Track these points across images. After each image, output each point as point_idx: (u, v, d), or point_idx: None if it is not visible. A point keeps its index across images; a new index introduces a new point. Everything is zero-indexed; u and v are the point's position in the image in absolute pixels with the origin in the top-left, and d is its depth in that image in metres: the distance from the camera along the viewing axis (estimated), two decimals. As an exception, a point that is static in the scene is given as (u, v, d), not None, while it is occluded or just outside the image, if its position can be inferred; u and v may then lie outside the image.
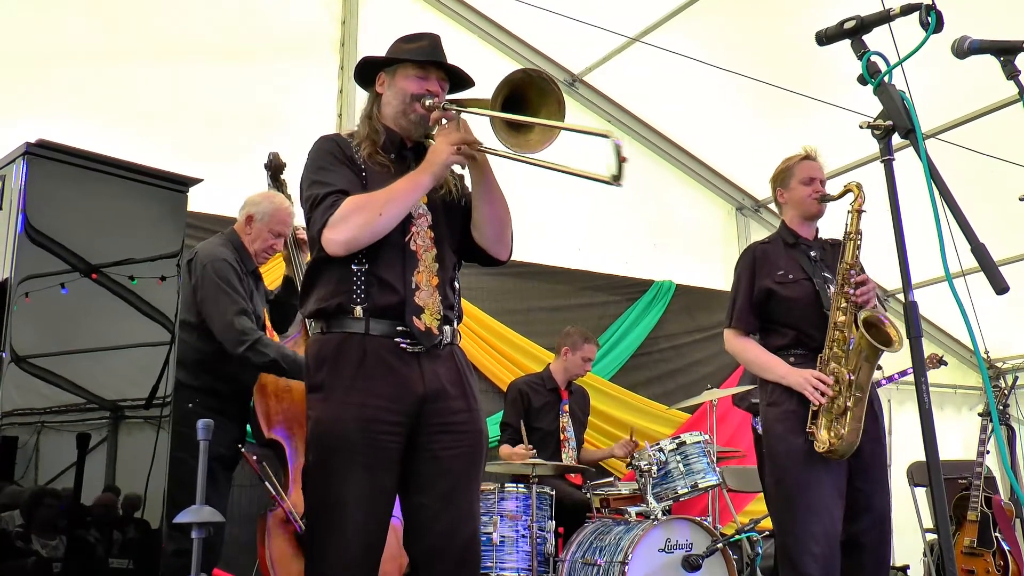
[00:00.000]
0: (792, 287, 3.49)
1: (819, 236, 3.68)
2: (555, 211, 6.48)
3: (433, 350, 2.49)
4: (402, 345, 2.45)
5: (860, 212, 3.41)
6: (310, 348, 2.53)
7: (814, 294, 3.47)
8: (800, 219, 3.63)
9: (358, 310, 2.44)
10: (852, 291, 3.33)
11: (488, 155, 2.50)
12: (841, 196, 3.48)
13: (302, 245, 3.86)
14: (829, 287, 3.47)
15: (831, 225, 3.72)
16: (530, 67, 2.37)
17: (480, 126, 2.45)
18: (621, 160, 2.12)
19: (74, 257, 2.52)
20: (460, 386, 2.53)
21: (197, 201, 3.68)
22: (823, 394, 3.27)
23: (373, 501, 2.39)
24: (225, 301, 3.45)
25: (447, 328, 2.53)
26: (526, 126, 2.34)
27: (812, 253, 3.58)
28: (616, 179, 2.13)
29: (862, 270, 3.44)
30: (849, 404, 3.24)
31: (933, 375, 7.67)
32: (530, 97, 2.35)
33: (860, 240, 3.40)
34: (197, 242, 3.72)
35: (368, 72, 2.65)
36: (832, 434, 3.24)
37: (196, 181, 2.79)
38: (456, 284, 2.64)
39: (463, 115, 2.47)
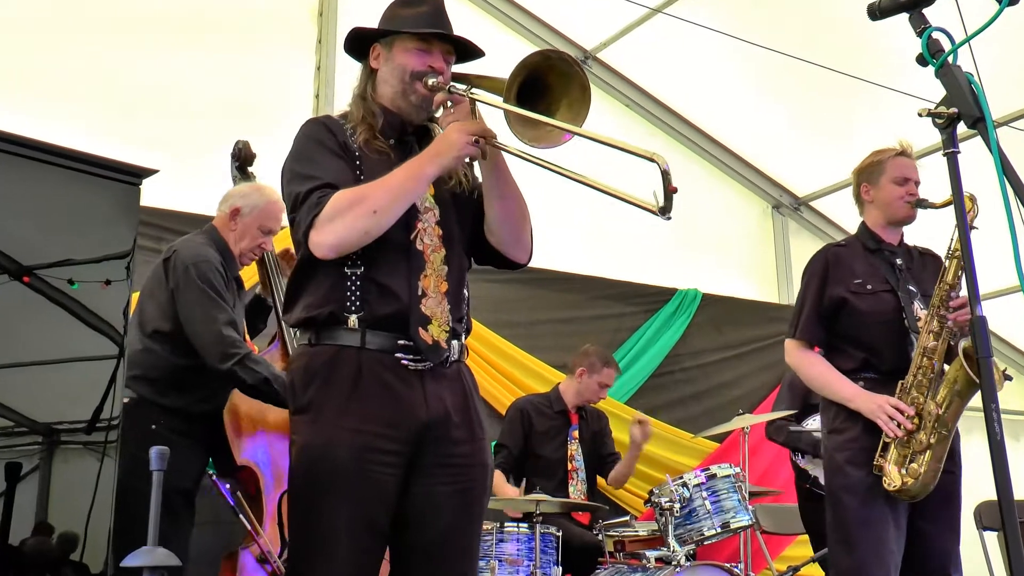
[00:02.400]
0: (869, 299, 3.47)
1: (904, 242, 3.66)
2: (564, 209, 6.46)
3: (439, 368, 2.46)
4: (403, 361, 2.42)
5: (971, 228, 3.31)
6: (295, 362, 2.50)
7: (895, 309, 3.44)
8: (885, 222, 3.60)
9: (352, 320, 2.40)
10: (949, 314, 3.30)
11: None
12: (945, 206, 3.40)
13: (283, 265, 3.84)
14: (914, 303, 3.45)
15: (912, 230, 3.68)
16: (548, 48, 2.33)
17: (492, 115, 2.41)
18: (670, 190, 2.06)
19: (2, 256, 2.50)
20: (465, 412, 2.51)
21: (154, 195, 3.67)
22: (900, 426, 3.26)
23: (367, 541, 2.36)
24: (212, 309, 3.41)
25: (455, 343, 2.51)
26: (544, 114, 2.29)
27: (897, 261, 3.56)
28: (664, 212, 2.07)
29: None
30: (932, 441, 3.23)
31: (1004, 399, 7.64)
32: (550, 82, 2.31)
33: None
34: (151, 242, 3.70)
35: (361, 44, 2.60)
36: (905, 472, 3.23)
37: (150, 172, 2.76)
38: (466, 292, 2.61)
39: (474, 98, 2.43)
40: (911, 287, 3.49)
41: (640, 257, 6.94)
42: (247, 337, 3.78)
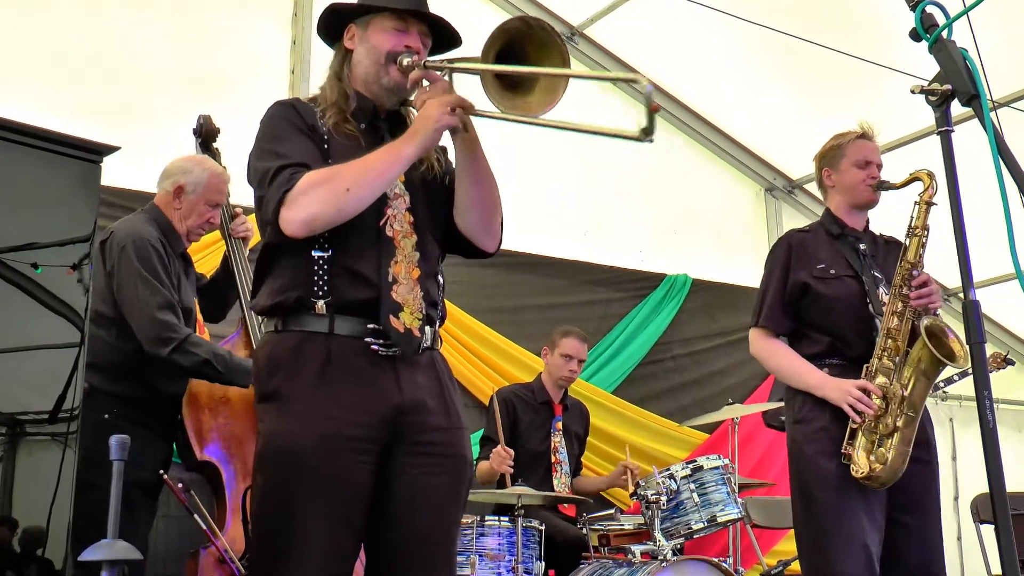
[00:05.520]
0: (833, 284, 3.52)
1: (869, 228, 3.71)
2: (549, 192, 6.46)
3: (411, 354, 2.46)
4: (373, 347, 2.41)
5: (930, 204, 3.45)
6: (261, 350, 2.50)
7: (860, 294, 3.49)
8: (848, 207, 3.66)
9: (320, 305, 2.41)
10: (911, 293, 3.36)
11: (481, 123, 2.45)
12: (905, 185, 3.51)
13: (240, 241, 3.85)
14: (879, 288, 3.49)
15: (880, 218, 3.73)
16: (529, 15, 2.34)
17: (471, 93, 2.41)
18: (652, 109, 2.06)
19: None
20: (441, 399, 2.51)
21: (113, 174, 3.65)
22: (867, 409, 3.29)
23: (338, 536, 2.35)
24: (146, 291, 3.41)
25: (428, 329, 2.51)
26: (524, 86, 2.30)
27: (861, 246, 3.61)
28: (647, 134, 2.08)
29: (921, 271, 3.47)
30: (899, 424, 3.27)
31: (1004, 387, 7.67)
32: (528, 52, 2.31)
33: (927, 237, 3.44)
34: (112, 223, 3.68)
35: (335, 24, 2.61)
36: (873, 458, 3.27)
37: (112, 149, 2.75)
38: (440, 279, 2.62)
39: (453, 68, 2.43)
40: (876, 273, 3.54)
41: (628, 241, 6.93)
42: (199, 315, 3.77)
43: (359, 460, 2.36)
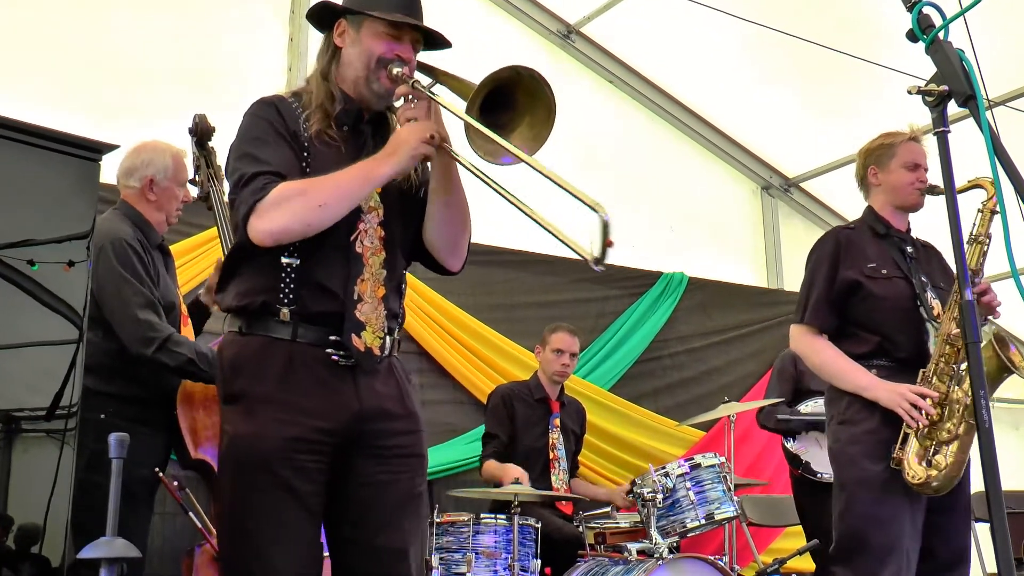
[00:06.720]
0: (884, 284, 3.48)
1: (910, 231, 3.68)
2: (546, 190, 6.43)
3: (370, 368, 2.50)
4: (333, 357, 2.44)
5: (994, 212, 3.42)
6: (224, 351, 2.52)
7: (911, 296, 3.46)
8: (893, 208, 3.63)
9: (285, 312, 2.43)
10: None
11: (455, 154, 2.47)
12: (965, 191, 3.39)
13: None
14: (928, 290, 3.48)
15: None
16: (521, 65, 2.34)
17: (450, 120, 2.42)
18: (607, 244, 2.14)
19: (-40, 238, 2.48)
20: (401, 403, 2.54)
21: (111, 171, 3.66)
22: (924, 413, 3.25)
23: (301, 532, 2.39)
24: (127, 291, 3.40)
25: (388, 340, 2.54)
26: (506, 129, 2.34)
27: (908, 248, 3.59)
28: (597, 262, 2.16)
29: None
30: (960, 431, 3.23)
31: (1003, 387, 7.65)
32: (517, 97, 2.34)
33: (988, 244, 3.42)
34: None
35: (327, 17, 2.60)
36: (928, 465, 3.22)
37: (111, 147, 2.75)
38: (403, 287, 2.65)
39: (435, 100, 2.44)
40: (922, 276, 3.52)
41: (624, 239, 6.92)
42: (183, 308, 3.77)
43: (315, 460, 2.40)
